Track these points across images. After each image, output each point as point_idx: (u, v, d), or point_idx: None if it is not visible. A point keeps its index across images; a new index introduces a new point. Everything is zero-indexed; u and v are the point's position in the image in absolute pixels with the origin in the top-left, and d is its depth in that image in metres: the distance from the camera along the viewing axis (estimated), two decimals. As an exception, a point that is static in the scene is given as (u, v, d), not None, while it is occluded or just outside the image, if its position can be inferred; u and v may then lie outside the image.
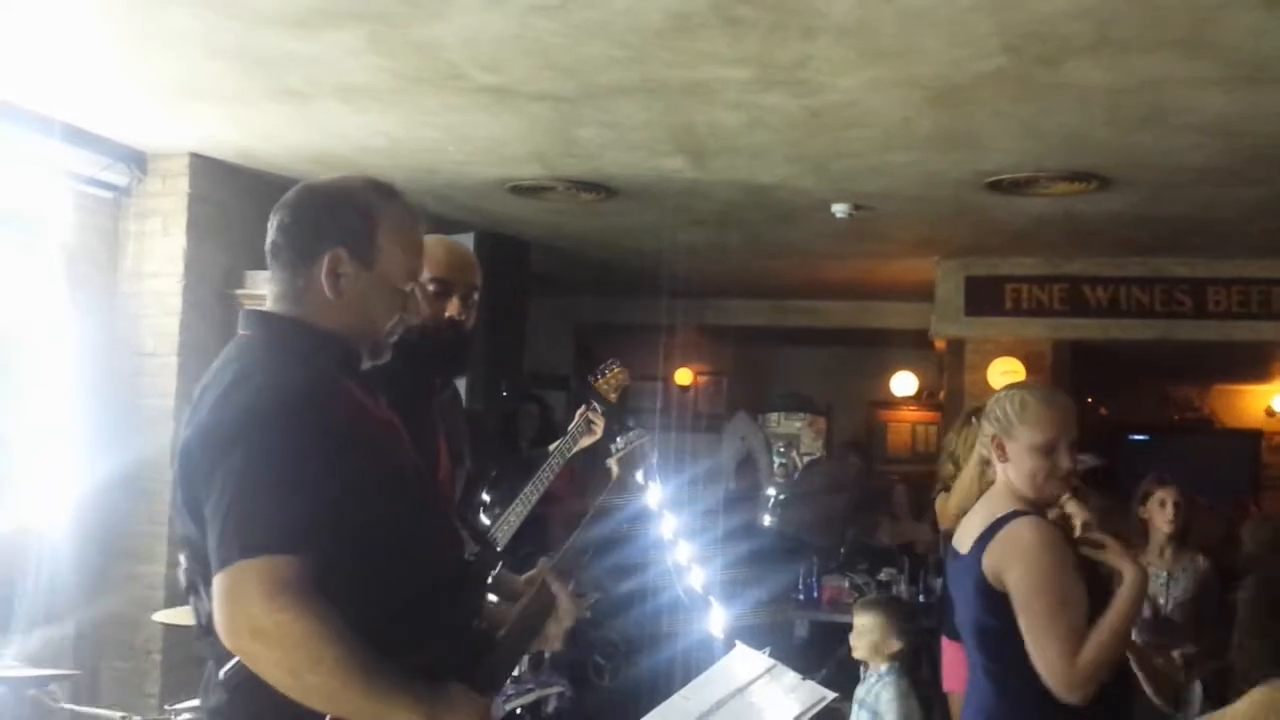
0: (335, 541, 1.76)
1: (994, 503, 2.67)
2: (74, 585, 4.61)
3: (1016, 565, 2.52)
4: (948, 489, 4.49)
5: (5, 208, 4.49)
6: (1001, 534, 2.57)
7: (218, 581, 1.73)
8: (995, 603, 2.55)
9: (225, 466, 1.75)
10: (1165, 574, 4.31)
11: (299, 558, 1.71)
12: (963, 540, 2.71)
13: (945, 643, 4.61)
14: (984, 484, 2.79)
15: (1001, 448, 2.65)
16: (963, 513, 2.82)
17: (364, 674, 1.72)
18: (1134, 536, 4.27)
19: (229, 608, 1.72)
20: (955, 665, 4.37)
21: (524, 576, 2.27)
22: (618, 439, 3.53)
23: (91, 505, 4.67)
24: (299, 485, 1.74)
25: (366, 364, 1.99)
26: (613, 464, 2.61)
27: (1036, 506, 2.61)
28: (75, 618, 4.64)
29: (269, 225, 1.98)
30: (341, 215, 1.94)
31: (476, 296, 2.53)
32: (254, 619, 1.70)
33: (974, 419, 4.51)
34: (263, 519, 1.72)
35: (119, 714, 3.57)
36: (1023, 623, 2.50)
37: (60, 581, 4.52)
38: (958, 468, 4.42)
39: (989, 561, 2.57)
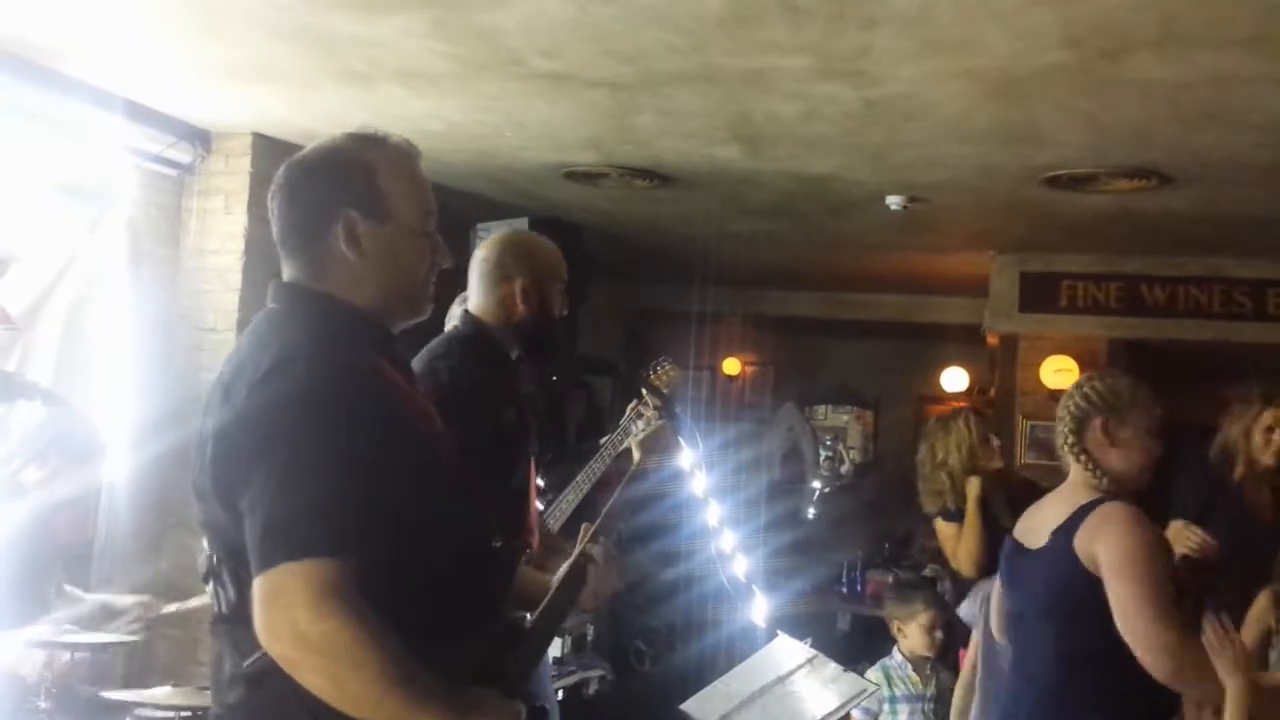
0: (380, 539, 1.69)
1: (1074, 494, 2.63)
2: (130, 553, 4.71)
3: (1109, 542, 2.48)
4: (946, 509, 4.36)
5: (72, 183, 4.59)
6: (1092, 517, 2.54)
7: (259, 584, 1.66)
8: (1086, 586, 2.50)
9: (269, 461, 1.69)
10: None
11: (343, 561, 1.65)
12: (1033, 535, 2.67)
13: None
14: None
15: (1110, 432, 2.60)
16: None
17: (403, 683, 1.66)
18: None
19: (271, 612, 1.65)
20: None
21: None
22: (638, 422, 3.62)
23: (149, 475, 4.77)
24: (345, 485, 1.67)
25: (402, 326, 1.95)
26: (633, 445, 2.70)
27: (1121, 497, 2.58)
28: (130, 585, 4.74)
29: (270, 214, 1.91)
30: (339, 177, 1.87)
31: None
32: (298, 625, 1.63)
33: (955, 421, 4.44)
34: (306, 520, 1.65)
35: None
36: (1113, 597, 2.45)
37: (117, 548, 4.62)
38: (932, 463, 4.38)
39: (1081, 544, 2.52)
